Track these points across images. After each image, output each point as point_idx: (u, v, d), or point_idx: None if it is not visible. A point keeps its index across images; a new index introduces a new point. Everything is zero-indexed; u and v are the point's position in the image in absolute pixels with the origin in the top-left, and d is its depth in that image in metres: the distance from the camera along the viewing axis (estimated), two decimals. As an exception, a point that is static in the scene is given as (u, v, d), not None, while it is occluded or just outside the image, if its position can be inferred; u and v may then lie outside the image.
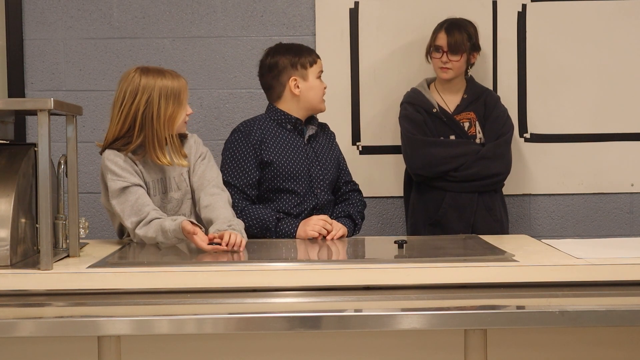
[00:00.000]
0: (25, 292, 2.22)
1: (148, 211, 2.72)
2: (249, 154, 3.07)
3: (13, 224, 2.32)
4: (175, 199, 2.88)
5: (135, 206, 2.72)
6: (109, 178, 2.76)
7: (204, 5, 3.96)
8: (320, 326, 2.09)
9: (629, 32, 3.97)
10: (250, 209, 3.02)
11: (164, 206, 2.86)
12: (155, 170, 2.86)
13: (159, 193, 2.86)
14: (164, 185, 2.87)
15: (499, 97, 3.72)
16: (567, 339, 2.19)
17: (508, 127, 3.64)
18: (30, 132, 3.91)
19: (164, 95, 2.78)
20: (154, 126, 2.77)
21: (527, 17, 3.96)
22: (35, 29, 3.93)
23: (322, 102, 3.16)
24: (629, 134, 4.00)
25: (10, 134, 2.59)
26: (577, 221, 4.04)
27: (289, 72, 3.10)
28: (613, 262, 2.32)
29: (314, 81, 3.12)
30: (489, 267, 2.29)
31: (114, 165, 2.76)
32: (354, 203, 3.21)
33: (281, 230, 2.99)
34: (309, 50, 3.17)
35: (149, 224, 2.70)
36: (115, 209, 2.75)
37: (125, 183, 2.74)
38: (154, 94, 2.77)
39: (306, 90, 3.11)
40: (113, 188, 2.75)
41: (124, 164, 2.77)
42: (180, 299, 2.20)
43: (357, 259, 2.70)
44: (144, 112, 2.77)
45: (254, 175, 3.07)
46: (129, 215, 2.73)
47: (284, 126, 3.14)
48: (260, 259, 2.65)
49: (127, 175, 2.76)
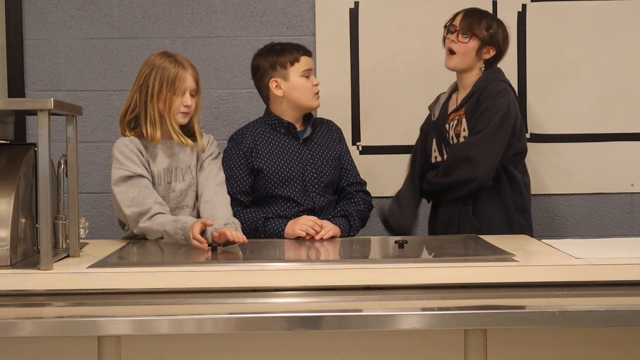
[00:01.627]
0: (25, 292, 2.22)
1: (150, 205, 2.77)
2: (240, 162, 3.10)
3: (13, 224, 2.32)
4: (179, 189, 2.93)
5: (137, 198, 2.79)
6: (113, 166, 2.86)
7: (204, 5, 3.96)
8: (320, 326, 2.09)
9: (629, 32, 3.97)
10: (240, 212, 3.05)
11: (167, 195, 2.92)
12: (163, 160, 2.92)
13: (164, 182, 2.92)
14: (169, 175, 2.93)
15: (502, 91, 3.25)
16: (567, 339, 2.19)
17: (487, 124, 3.17)
18: (30, 132, 3.91)
19: (159, 76, 2.90)
20: (146, 101, 2.90)
21: (527, 17, 3.96)
22: (35, 29, 3.93)
23: (312, 99, 3.11)
24: (629, 134, 4.00)
25: (10, 134, 2.59)
26: (577, 221, 4.04)
27: (269, 74, 3.11)
28: (613, 262, 2.32)
29: (296, 80, 3.08)
30: (489, 267, 2.29)
31: (119, 153, 2.86)
32: (355, 203, 3.18)
33: (269, 229, 3.00)
34: (292, 49, 3.10)
35: (152, 218, 2.74)
36: (116, 197, 2.82)
37: (127, 172, 2.82)
38: (153, 72, 2.90)
39: (289, 91, 3.08)
40: (116, 176, 2.84)
41: (130, 153, 2.85)
42: (180, 299, 2.20)
43: (357, 259, 2.70)
44: (141, 85, 2.91)
45: (245, 182, 3.09)
46: (129, 206, 2.79)
47: (278, 130, 3.14)
48: (260, 259, 2.65)
49: (131, 165, 2.83)
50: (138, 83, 2.93)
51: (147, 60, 2.97)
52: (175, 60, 2.94)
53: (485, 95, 3.24)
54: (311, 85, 3.10)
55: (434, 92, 3.79)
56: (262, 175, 3.09)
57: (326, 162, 3.16)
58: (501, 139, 3.19)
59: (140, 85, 2.92)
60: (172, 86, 2.89)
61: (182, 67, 2.93)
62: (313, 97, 3.12)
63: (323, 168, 3.15)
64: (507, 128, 3.20)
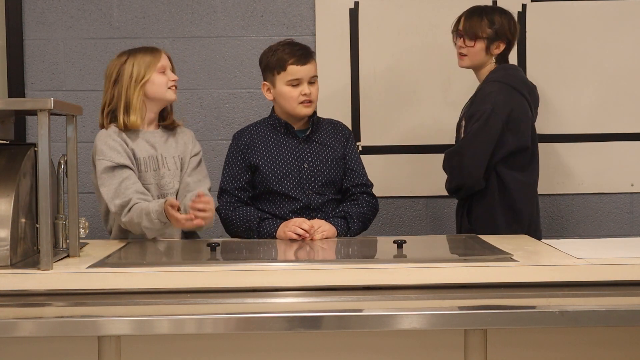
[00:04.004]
0: (25, 292, 2.22)
1: (130, 196, 2.79)
2: (237, 159, 3.13)
3: (13, 224, 2.32)
4: (167, 175, 2.98)
5: (120, 189, 2.81)
6: (97, 158, 2.88)
7: (204, 5, 3.96)
8: (320, 326, 2.09)
9: (629, 32, 3.97)
10: (238, 209, 3.07)
11: (159, 181, 2.96)
12: (147, 147, 2.96)
13: (150, 169, 2.95)
14: (155, 162, 2.97)
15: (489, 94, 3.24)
16: (567, 339, 2.19)
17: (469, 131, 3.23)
18: (30, 132, 3.91)
19: (136, 62, 2.95)
20: (128, 88, 2.93)
21: (527, 17, 3.96)
22: (35, 29, 3.93)
23: (297, 108, 3.08)
24: (629, 134, 4.00)
25: (10, 134, 2.59)
26: (577, 221, 4.04)
27: (264, 76, 3.15)
28: (613, 262, 2.32)
29: (282, 88, 3.07)
30: (489, 267, 2.29)
31: (102, 144, 2.89)
32: (358, 204, 3.16)
33: (263, 230, 3.02)
34: (282, 57, 3.07)
35: (131, 210, 2.77)
36: (101, 190, 2.84)
37: (110, 163, 2.85)
38: (127, 61, 2.96)
39: (276, 97, 3.11)
40: (99, 168, 2.86)
41: (113, 142, 2.88)
42: (180, 299, 2.20)
43: (357, 259, 2.70)
44: (117, 74, 2.96)
45: (243, 178, 3.11)
46: (112, 198, 2.82)
47: (277, 129, 3.16)
48: (260, 259, 2.65)
49: (114, 154, 2.86)
50: (112, 78, 2.96)
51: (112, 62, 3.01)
52: (144, 47, 3.03)
53: (479, 94, 3.29)
54: (297, 95, 3.06)
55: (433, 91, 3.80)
56: (259, 171, 3.11)
57: (326, 161, 3.16)
58: (482, 143, 3.21)
59: (116, 78, 2.95)
60: (154, 66, 2.96)
61: (154, 50, 3.01)
62: (298, 105, 3.08)
63: (322, 166, 3.14)
64: (489, 131, 3.20)
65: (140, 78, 2.93)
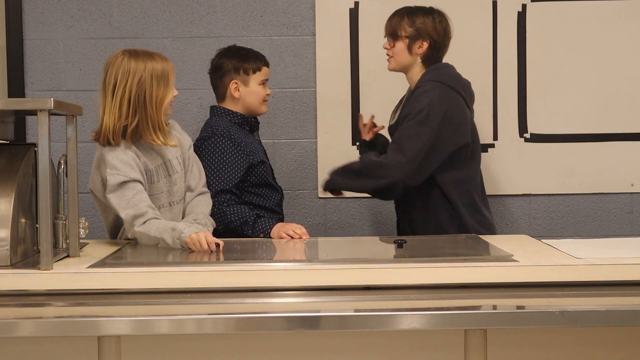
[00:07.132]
0: (25, 292, 2.22)
1: (144, 209, 2.72)
2: (235, 156, 3.22)
3: (13, 224, 2.32)
4: (179, 180, 2.96)
5: (133, 200, 2.74)
6: (108, 172, 2.76)
7: (204, 5, 3.96)
8: (320, 326, 2.09)
9: (629, 32, 3.97)
10: (232, 207, 3.15)
11: (170, 189, 2.92)
12: (155, 156, 2.90)
13: (163, 177, 2.91)
14: (165, 169, 2.92)
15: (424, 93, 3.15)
16: (567, 339, 2.19)
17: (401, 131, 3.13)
18: (30, 132, 3.91)
19: (155, 77, 2.81)
20: (147, 108, 2.81)
21: (527, 17, 3.96)
22: (35, 29, 3.93)
23: (261, 106, 3.36)
24: (629, 134, 4.00)
25: (10, 134, 2.59)
26: (577, 221, 4.04)
27: (231, 75, 3.31)
28: (613, 262, 2.32)
29: (255, 87, 3.32)
30: (489, 267, 2.29)
31: (115, 159, 2.77)
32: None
33: (258, 226, 3.09)
34: (256, 57, 3.35)
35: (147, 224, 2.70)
36: (111, 201, 2.75)
37: (124, 178, 2.76)
38: (145, 75, 2.79)
39: (246, 95, 3.31)
40: (112, 182, 2.75)
41: (127, 157, 2.78)
42: (180, 299, 2.20)
43: (357, 259, 2.70)
44: (136, 94, 2.79)
45: (239, 175, 3.23)
46: (124, 208, 2.74)
47: (244, 127, 3.33)
48: (260, 259, 2.65)
49: (129, 170, 2.77)
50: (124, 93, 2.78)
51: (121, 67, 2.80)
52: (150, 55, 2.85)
53: (411, 100, 3.21)
54: (265, 94, 3.35)
55: (434, 92, 3.76)
56: (257, 167, 3.26)
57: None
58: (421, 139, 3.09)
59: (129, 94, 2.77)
60: (167, 80, 2.84)
61: (163, 61, 2.86)
62: (262, 103, 3.36)
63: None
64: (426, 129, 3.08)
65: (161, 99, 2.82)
